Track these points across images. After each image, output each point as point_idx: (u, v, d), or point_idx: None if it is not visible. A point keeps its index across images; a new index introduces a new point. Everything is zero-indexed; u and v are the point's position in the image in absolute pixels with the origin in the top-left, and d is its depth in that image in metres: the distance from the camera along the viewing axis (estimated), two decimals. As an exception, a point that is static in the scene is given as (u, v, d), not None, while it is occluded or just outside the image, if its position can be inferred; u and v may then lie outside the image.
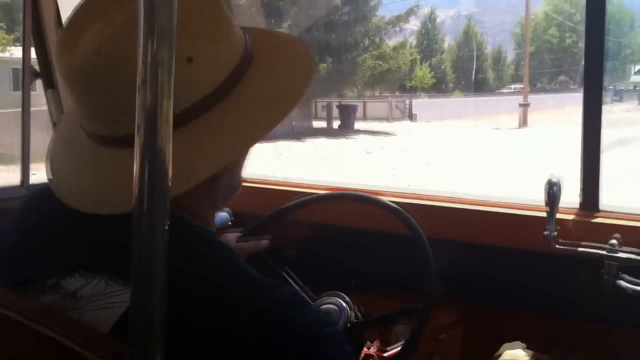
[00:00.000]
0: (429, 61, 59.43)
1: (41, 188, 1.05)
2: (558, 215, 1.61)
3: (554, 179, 1.57)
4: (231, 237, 1.63)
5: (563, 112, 31.04)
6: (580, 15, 65.02)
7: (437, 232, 1.60)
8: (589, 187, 1.71)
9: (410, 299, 1.55)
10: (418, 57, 58.50)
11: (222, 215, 2.02)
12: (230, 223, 2.05)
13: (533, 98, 41.80)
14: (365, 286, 2.00)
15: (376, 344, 1.64)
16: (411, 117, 32.07)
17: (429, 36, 63.41)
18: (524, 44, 68.00)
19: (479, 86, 59.15)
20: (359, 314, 1.58)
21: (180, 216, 0.91)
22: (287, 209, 1.77)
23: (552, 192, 1.57)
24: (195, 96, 0.90)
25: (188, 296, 0.81)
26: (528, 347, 1.48)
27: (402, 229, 1.57)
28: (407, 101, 34.96)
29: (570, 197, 1.70)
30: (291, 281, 1.61)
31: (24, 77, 1.94)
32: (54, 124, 2.00)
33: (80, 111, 0.96)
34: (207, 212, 1.03)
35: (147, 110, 0.64)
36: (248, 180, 2.17)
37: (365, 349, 1.58)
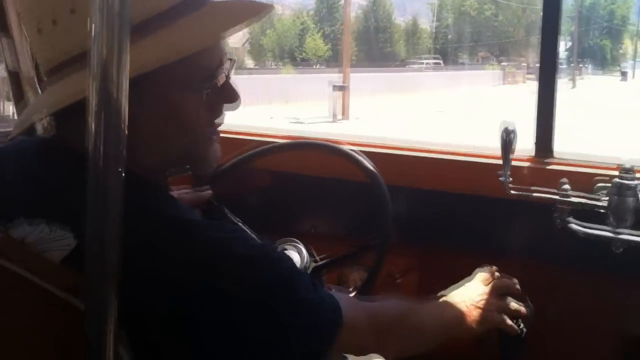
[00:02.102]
0: (322, 31, 55.04)
1: None
2: (514, 163, 1.65)
3: (510, 127, 1.60)
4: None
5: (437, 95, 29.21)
6: (501, -16, 63.45)
7: (395, 179, 1.63)
8: (543, 135, 1.76)
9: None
10: (312, 25, 55.06)
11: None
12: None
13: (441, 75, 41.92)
14: (325, 233, 2.04)
15: (333, 288, 1.68)
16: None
17: (328, 2, 57.96)
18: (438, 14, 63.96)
19: (384, 59, 54.88)
20: (317, 257, 1.60)
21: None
22: (247, 157, 1.77)
23: (507, 139, 1.60)
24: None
25: (129, 240, 0.80)
26: None
27: (361, 176, 1.59)
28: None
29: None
30: (246, 229, 1.62)
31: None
32: (10, 73, 1.97)
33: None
34: (153, 163, 1.01)
35: (102, 61, 0.65)
36: (226, 131, 2.15)
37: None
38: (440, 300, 1.32)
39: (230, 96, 1.05)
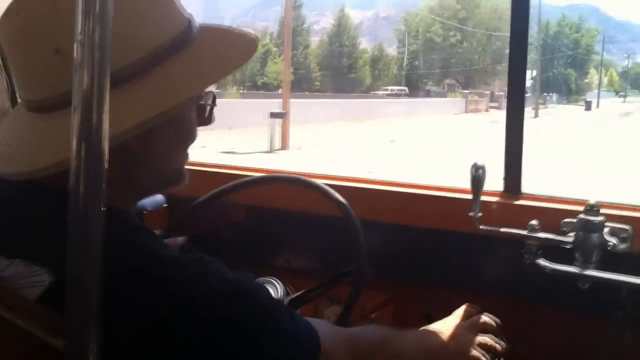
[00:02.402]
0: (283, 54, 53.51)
1: None
2: (483, 198, 1.67)
3: (479, 163, 1.63)
4: None
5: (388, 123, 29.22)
6: (466, 12, 63.39)
7: (367, 214, 1.64)
8: (512, 173, 1.79)
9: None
10: (274, 49, 53.81)
11: (157, 198, 2.02)
12: (165, 205, 2.05)
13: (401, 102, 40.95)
14: (300, 267, 2.05)
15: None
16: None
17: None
18: (406, 42, 63.22)
19: (349, 85, 53.90)
20: (292, 292, 1.60)
21: None
22: (222, 191, 1.78)
23: (477, 175, 1.63)
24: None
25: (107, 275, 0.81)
26: None
27: (334, 210, 1.60)
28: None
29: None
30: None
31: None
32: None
33: (14, 77, 1.02)
34: (125, 195, 1.03)
35: (83, 90, 0.67)
36: (197, 164, 2.16)
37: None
38: (420, 330, 1.33)
39: (209, 120, 1.12)
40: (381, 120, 31.46)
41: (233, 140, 20.55)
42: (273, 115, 20.44)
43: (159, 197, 2.01)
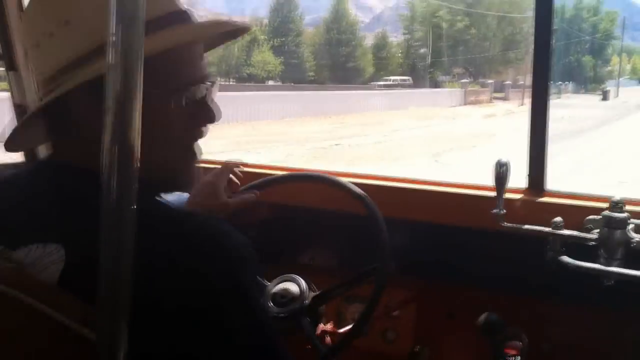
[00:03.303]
0: (271, 42, 49.37)
1: None
2: (506, 195, 1.68)
3: (503, 160, 1.64)
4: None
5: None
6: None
7: (390, 211, 1.64)
8: (536, 169, 1.79)
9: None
10: (262, 37, 49.65)
11: (183, 196, 2.03)
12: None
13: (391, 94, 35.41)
14: (324, 265, 2.06)
15: (331, 323, 1.70)
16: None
17: (282, 12, 52.38)
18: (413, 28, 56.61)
19: (347, 76, 49.15)
20: (316, 290, 1.62)
21: None
22: (273, 180, 1.80)
23: (501, 172, 1.63)
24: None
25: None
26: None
27: (357, 208, 1.61)
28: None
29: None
30: None
31: (-16, 58, 1.96)
32: (16, 106, 2.02)
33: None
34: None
35: (116, 92, 0.69)
36: (206, 161, 2.17)
37: (321, 325, 1.64)
38: None
39: (207, 116, 1.06)
40: (354, 116, 27.82)
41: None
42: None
43: (184, 196, 2.03)
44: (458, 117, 30.32)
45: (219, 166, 1.70)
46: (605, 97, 47.99)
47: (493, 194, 1.67)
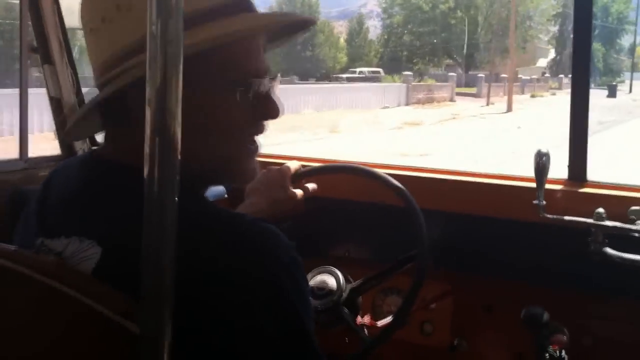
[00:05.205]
0: None
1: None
2: (547, 186, 1.65)
3: (544, 150, 1.61)
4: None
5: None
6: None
7: (428, 203, 1.63)
8: (577, 159, 1.76)
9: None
10: None
11: (218, 188, 2.03)
12: (226, 196, 2.07)
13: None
14: (358, 257, 2.05)
15: (368, 315, 1.69)
16: None
17: None
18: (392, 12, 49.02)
19: (304, 69, 43.60)
20: (352, 282, 1.61)
21: None
22: (333, 168, 1.81)
23: (541, 163, 1.61)
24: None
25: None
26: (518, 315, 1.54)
27: (393, 199, 1.59)
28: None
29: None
30: None
31: (21, 52, 1.96)
32: (52, 99, 2.03)
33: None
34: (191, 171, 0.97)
35: (157, 85, 0.68)
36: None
37: (359, 317, 1.63)
38: None
39: (271, 111, 1.04)
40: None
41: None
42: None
43: (220, 188, 2.03)
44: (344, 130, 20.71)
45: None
46: (611, 93, 37.11)
47: (532, 184, 1.65)
